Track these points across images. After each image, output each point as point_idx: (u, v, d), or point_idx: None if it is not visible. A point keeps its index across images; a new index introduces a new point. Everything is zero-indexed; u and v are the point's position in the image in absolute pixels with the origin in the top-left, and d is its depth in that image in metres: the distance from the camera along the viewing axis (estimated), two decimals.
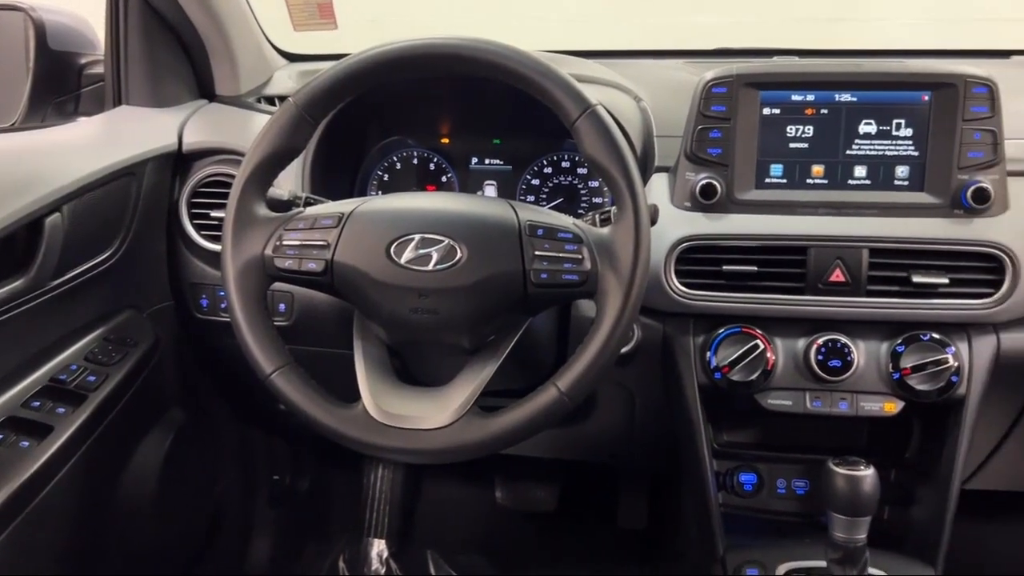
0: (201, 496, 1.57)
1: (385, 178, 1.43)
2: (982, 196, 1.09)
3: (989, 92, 1.10)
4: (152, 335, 1.30)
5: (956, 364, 1.10)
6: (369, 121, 1.40)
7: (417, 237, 0.92)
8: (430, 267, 0.91)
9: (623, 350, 1.15)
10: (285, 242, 0.94)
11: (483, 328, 0.97)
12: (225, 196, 0.98)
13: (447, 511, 1.98)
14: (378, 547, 1.85)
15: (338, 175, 1.38)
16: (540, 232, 0.91)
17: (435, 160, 1.42)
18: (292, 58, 1.64)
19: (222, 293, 1.28)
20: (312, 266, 0.93)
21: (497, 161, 1.41)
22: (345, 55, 0.95)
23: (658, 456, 1.49)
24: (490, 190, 1.42)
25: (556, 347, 1.22)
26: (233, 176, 0.98)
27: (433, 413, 0.91)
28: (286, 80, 1.54)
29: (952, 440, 1.14)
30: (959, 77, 1.10)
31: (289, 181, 1.25)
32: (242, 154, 1.00)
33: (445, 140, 1.42)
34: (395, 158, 1.43)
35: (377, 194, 1.41)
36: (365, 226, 0.94)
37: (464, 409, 0.91)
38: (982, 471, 1.34)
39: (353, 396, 0.94)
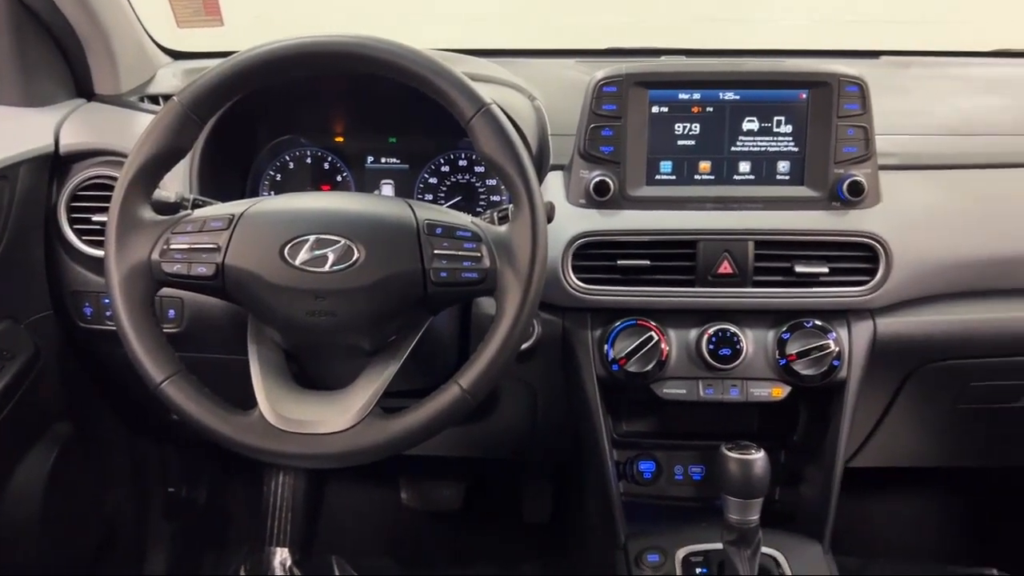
0: (90, 513, 1.50)
1: (278, 178, 1.40)
2: (857, 189, 1.15)
3: (860, 91, 1.16)
4: (31, 346, 1.24)
5: (837, 349, 1.16)
6: (259, 119, 1.37)
7: (312, 238, 0.91)
8: (327, 268, 0.90)
9: (524, 346, 1.16)
10: (173, 246, 0.91)
11: (383, 329, 0.96)
12: (107, 199, 0.94)
13: (352, 515, 1.95)
14: (281, 556, 1.81)
15: (228, 176, 1.34)
16: (439, 231, 0.91)
17: (329, 159, 1.40)
18: (176, 55, 1.58)
19: (107, 300, 1.23)
20: (202, 270, 0.91)
21: (394, 160, 1.40)
22: (232, 52, 0.92)
23: (561, 449, 1.51)
24: (387, 189, 1.40)
25: (458, 345, 1.22)
26: (115, 178, 0.94)
27: (333, 416, 0.90)
28: (170, 78, 1.48)
29: (835, 421, 1.20)
30: (833, 76, 1.16)
31: (176, 183, 1.21)
32: (125, 155, 0.96)
33: (339, 139, 1.40)
34: (287, 157, 1.40)
35: (269, 195, 1.38)
36: (257, 227, 0.92)
37: (365, 411, 0.90)
38: (863, 450, 1.42)
39: (249, 403, 0.92)
